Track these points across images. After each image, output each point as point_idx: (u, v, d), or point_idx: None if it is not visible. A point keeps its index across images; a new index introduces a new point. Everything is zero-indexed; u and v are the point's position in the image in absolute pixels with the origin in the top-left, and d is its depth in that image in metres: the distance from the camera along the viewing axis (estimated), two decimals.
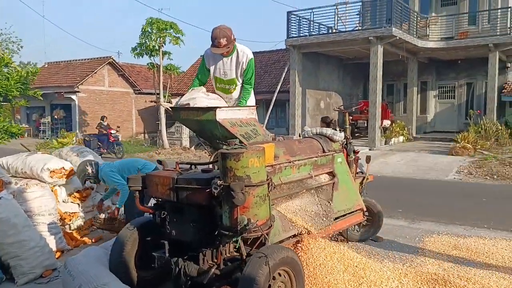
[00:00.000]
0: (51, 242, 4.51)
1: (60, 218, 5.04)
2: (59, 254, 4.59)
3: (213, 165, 3.63)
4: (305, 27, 17.41)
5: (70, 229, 5.21)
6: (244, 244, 3.13)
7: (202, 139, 4.18)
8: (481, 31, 17.35)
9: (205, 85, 4.29)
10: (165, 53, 19.23)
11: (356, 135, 18.22)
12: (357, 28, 17.63)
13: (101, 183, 5.11)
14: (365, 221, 4.85)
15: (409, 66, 18.69)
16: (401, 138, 17.89)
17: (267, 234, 3.12)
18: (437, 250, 4.78)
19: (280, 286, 3.05)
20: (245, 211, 2.94)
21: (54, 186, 5.16)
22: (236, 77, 4.18)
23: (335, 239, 4.72)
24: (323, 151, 4.20)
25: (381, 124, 16.74)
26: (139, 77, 29.48)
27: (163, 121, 19.35)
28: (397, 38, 15.33)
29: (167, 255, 3.32)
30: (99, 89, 26.51)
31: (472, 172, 10.80)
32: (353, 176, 4.65)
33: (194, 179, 3.19)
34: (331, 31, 17.67)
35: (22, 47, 32.37)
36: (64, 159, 5.58)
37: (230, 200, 2.85)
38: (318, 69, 18.89)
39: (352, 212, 4.38)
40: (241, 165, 2.91)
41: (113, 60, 27.21)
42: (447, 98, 20.45)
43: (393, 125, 18.17)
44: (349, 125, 5.77)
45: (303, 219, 3.63)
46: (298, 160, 3.86)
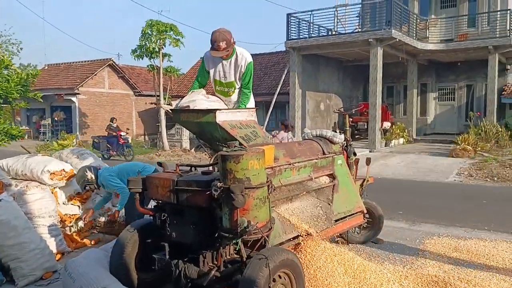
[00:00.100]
0: (52, 244, 4.51)
1: (61, 220, 5.04)
2: (59, 256, 4.59)
3: (213, 167, 3.63)
4: (304, 29, 17.42)
5: (70, 231, 5.21)
6: (244, 246, 3.13)
7: (202, 141, 4.18)
8: (480, 33, 17.37)
9: (205, 87, 4.30)
10: (165, 55, 19.25)
11: (356, 137, 18.22)
12: (357, 30, 17.65)
13: (101, 188, 5.10)
14: (366, 223, 4.85)
15: (409, 68, 18.71)
16: (401, 140, 17.89)
17: (267, 236, 3.11)
18: (437, 252, 4.77)
19: None
20: (245, 213, 2.94)
21: (54, 188, 5.16)
22: (235, 80, 4.18)
23: (336, 241, 4.72)
24: (323, 153, 4.21)
25: (381, 126, 16.74)
26: (139, 79, 29.52)
27: (163, 123, 19.36)
28: (397, 40, 15.35)
29: (167, 257, 3.32)
30: (99, 91, 26.55)
31: (472, 174, 10.80)
32: (353, 178, 4.65)
33: (194, 181, 3.20)
34: (330, 33, 17.68)
35: (22, 49, 32.46)
36: (65, 161, 5.60)
37: (230, 202, 2.85)
38: (318, 71, 18.90)
39: (353, 214, 4.38)
40: (241, 167, 2.91)
41: (113, 62, 27.25)
42: (447, 100, 20.46)
43: (393, 127, 18.17)
44: (349, 127, 5.77)
45: (303, 221, 3.63)
46: (298, 162, 3.86)
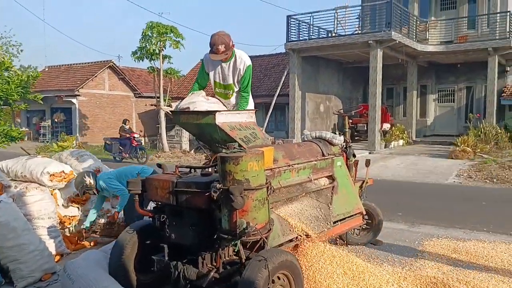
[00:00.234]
0: (51, 246, 4.51)
1: (60, 222, 5.04)
2: (58, 257, 4.59)
3: (212, 168, 3.64)
4: (304, 31, 17.45)
5: (69, 233, 5.21)
6: (243, 248, 3.13)
7: (201, 142, 4.18)
8: (480, 35, 17.41)
9: (205, 89, 4.31)
10: (165, 57, 19.28)
11: (355, 138, 18.23)
12: (357, 32, 17.66)
13: (100, 193, 5.10)
14: (365, 225, 4.86)
15: (409, 69, 18.73)
16: (400, 142, 17.90)
17: (266, 238, 3.12)
18: (436, 253, 4.77)
19: None
20: (244, 215, 2.94)
21: (54, 189, 5.17)
22: (233, 83, 4.20)
23: (335, 243, 4.72)
24: (323, 155, 4.22)
25: (381, 127, 16.76)
26: (139, 80, 29.56)
27: (163, 124, 19.38)
28: (397, 42, 15.37)
29: (167, 258, 3.33)
30: (100, 92, 26.58)
31: (472, 175, 10.81)
32: (352, 180, 4.66)
33: (193, 183, 3.20)
34: (330, 35, 17.71)
35: (22, 51, 32.48)
36: (64, 163, 5.60)
37: (229, 203, 2.86)
38: (317, 72, 18.92)
39: (352, 215, 4.38)
40: (240, 169, 2.91)
41: (114, 63, 27.30)
42: (446, 102, 20.48)
43: (393, 128, 18.19)
44: (348, 129, 5.77)
45: (302, 222, 3.63)
46: (298, 164, 3.87)
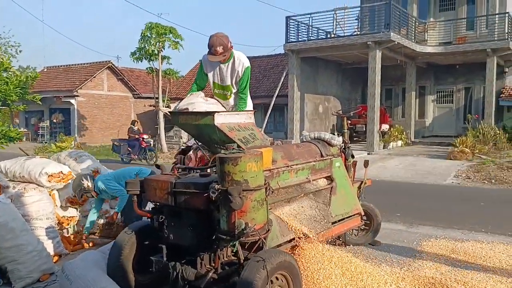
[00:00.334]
0: (49, 246, 4.51)
1: (58, 222, 5.03)
2: (56, 258, 4.59)
3: (211, 169, 3.64)
4: (303, 32, 17.46)
5: (68, 234, 5.21)
6: (241, 248, 3.14)
7: (200, 143, 4.19)
8: (479, 36, 17.44)
9: (203, 90, 4.32)
10: (164, 57, 19.26)
11: (354, 139, 18.25)
12: (356, 33, 17.69)
13: (98, 195, 5.09)
14: (363, 225, 4.87)
15: (408, 70, 18.75)
16: (399, 143, 17.91)
17: (264, 238, 3.12)
18: (434, 254, 4.78)
19: None
20: (243, 215, 2.95)
21: (52, 190, 5.16)
22: (231, 84, 4.20)
23: (333, 243, 4.73)
24: (321, 156, 4.22)
25: (380, 128, 16.77)
26: (138, 81, 29.56)
27: (162, 125, 19.37)
28: (396, 43, 15.39)
29: (165, 259, 3.32)
30: (98, 93, 26.57)
31: (470, 176, 10.83)
32: (351, 180, 4.66)
33: (192, 184, 3.20)
34: (329, 36, 17.73)
35: (20, 51, 32.40)
36: (63, 164, 5.59)
37: (228, 204, 2.86)
38: (316, 73, 18.93)
39: (350, 216, 4.38)
40: (239, 170, 2.92)
41: (112, 64, 27.29)
42: (445, 103, 20.51)
43: (392, 129, 18.20)
44: (347, 130, 5.78)
45: (301, 223, 3.63)
46: (296, 165, 3.87)
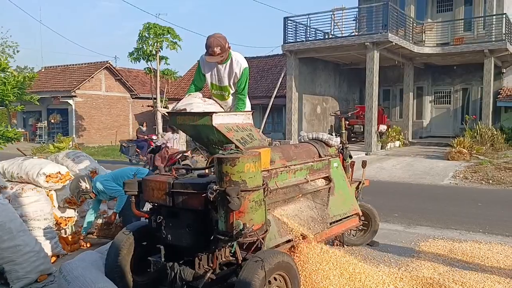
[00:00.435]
0: (47, 247, 4.50)
1: (56, 223, 5.03)
2: (54, 259, 4.58)
3: (209, 170, 3.64)
4: (301, 32, 17.45)
5: (65, 234, 5.20)
6: (240, 249, 3.14)
7: (198, 144, 4.18)
8: (476, 37, 17.48)
9: (201, 91, 4.32)
10: (162, 58, 19.25)
11: (352, 140, 18.26)
12: (354, 34, 17.71)
13: (97, 196, 5.08)
14: (361, 226, 4.87)
15: (405, 71, 18.78)
16: (397, 143, 17.94)
17: (262, 239, 3.12)
18: (432, 254, 4.80)
19: None
20: (241, 216, 2.95)
21: (50, 190, 5.15)
22: (229, 84, 4.20)
23: (331, 244, 4.74)
24: (319, 156, 4.23)
25: (377, 129, 16.78)
26: (136, 81, 29.54)
27: (160, 126, 19.35)
28: (393, 43, 15.41)
29: (163, 259, 3.32)
30: (96, 93, 26.54)
31: (468, 176, 10.85)
32: (349, 181, 4.67)
33: (190, 184, 3.20)
34: (327, 36, 17.74)
35: (18, 51, 32.35)
36: (60, 164, 5.58)
37: (226, 205, 2.86)
38: (314, 74, 18.95)
39: (348, 216, 4.39)
40: (237, 170, 2.92)
41: (110, 64, 27.26)
42: (443, 103, 20.55)
43: (389, 130, 18.22)
44: (345, 130, 5.79)
45: (299, 223, 3.64)
46: (294, 165, 3.88)
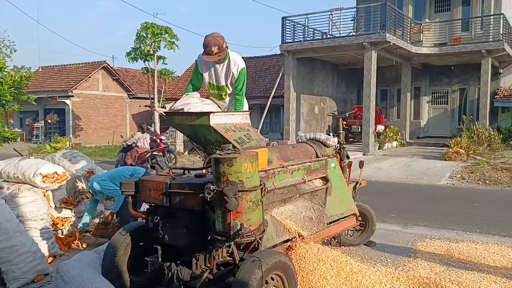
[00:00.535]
0: (43, 247, 4.49)
1: (53, 223, 5.01)
2: (51, 259, 4.57)
3: (206, 170, 3.64)
4: (299, 32, 17.47)
5: (62, 234, 5.19)
6: (237, 249, 3.14)
7: (196, 144, 4.18)
8: (474, 37, 17.53)
9: (199, 91, 4.31)
10: (159, 57, 19.22)
11: (350, 140, 18.28)
12: (352, 34, 17.73)
13: (93, 196, 5.07)
14: (358, 226, 4.88)
15: (403, 71, 18.81)
16: (394, 143, 17.97)
17: (260, 239, 3.12)
18: (429, 254, 4.81)
19: None
20: (238, 216, 2.95)
21: (47, 191, 5.14)
22: (226, 84, 4.19)
23: (329, 244, 4.74)
24: (317, 156, 4.23)
25: (375, 129, 16.80)
26: (133, 81, 29.48)
27: (157, 126, 19.32)
28: (391, 44, 15.43)
29: (160, 259, 3.32)
30: (93, 93, 26.47)
31: (465, 177, 10.87)
32: (346, 181, 4.68)
33: (187, 184, 3.20)
34: (325, 36, 17.75)
35: (15, 51, 32.21)
36: (57, 164, 5.57)
37: (223, 205, 2.86)
38: (312, 74, 18.96)
39: (345, 217, 4.40)
40: (234, 170, 2.91)
41: (108, 64, 27.20)
42: (440, 104, 20.60)
43: (387, 130, 18.25)
44: (342, 130, 5.79)
45: (296, 223, 3.64)
46: (292, 165, 3.88)
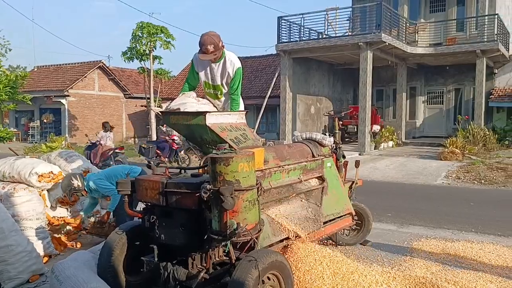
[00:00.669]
0: (39, 247, 4.47)
1: (48, 223, 4.99)
2: (46, 259, 4.55)
3: (203, 169, 3.63)
4: (295, 32, 17.47)
5: (58, 234, 5.16)
6: (233, 248, 3.14)
7: (192, 143, 4.18)
8: (469, 38, 17.60)
9: (195, 90, 4.31)
10: (155, 57, 19.17)
11: (346, 140, 18.32)
12: (347, 34, 17.76)
13: (89, 194, 5.05)
14: (354, 225, 4.89)
15: (398, 71, 18.87)
16: (390, 143, 18.02)
17: (256, 238, 3.12)
18: (425, 253, 4.82)
19: None
20: (235, 216, 2.95)
21: (42, 190, 5.12)
22: (221, 84, 4.19)
23: (325, 243, 4.75)
24: (313, 156, 4.24)
25: (371, 129, 16.85)
26: (129, 81, 29.39)
27: (153, 125, 19.28)
28: (387, 44, 15.47)
29: (156, 259, 3.31)
30: (89, 93, 26.38)
31: (460, 176, 10.92)
32: (342, 181, 4.69)
33: (183, 184, 3.19)
34: (321, 36, 17.77)
35: (10, 50, 32.03)
36: (53, 164, 5.55)
37: (220, 204, 2.85)
38: (308, 74, 18.98)
39: (342, 216, 4.41)
40: (231, 170, 2.91)
41: (104, 64, 27.11)
42: (435, 104, 20.67)
43: (383, 130, 18.30)
44: (338, 130, 5.81)
45: (292, 223, 3.65)
46: (288, 165, 3.89)
